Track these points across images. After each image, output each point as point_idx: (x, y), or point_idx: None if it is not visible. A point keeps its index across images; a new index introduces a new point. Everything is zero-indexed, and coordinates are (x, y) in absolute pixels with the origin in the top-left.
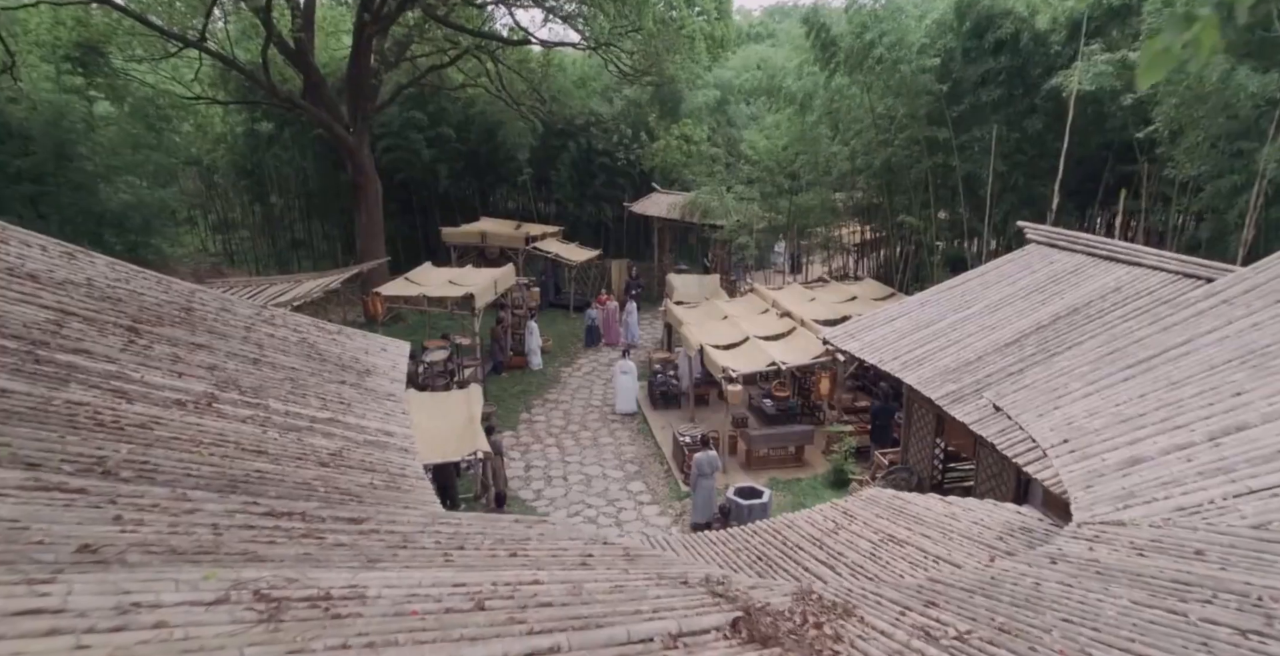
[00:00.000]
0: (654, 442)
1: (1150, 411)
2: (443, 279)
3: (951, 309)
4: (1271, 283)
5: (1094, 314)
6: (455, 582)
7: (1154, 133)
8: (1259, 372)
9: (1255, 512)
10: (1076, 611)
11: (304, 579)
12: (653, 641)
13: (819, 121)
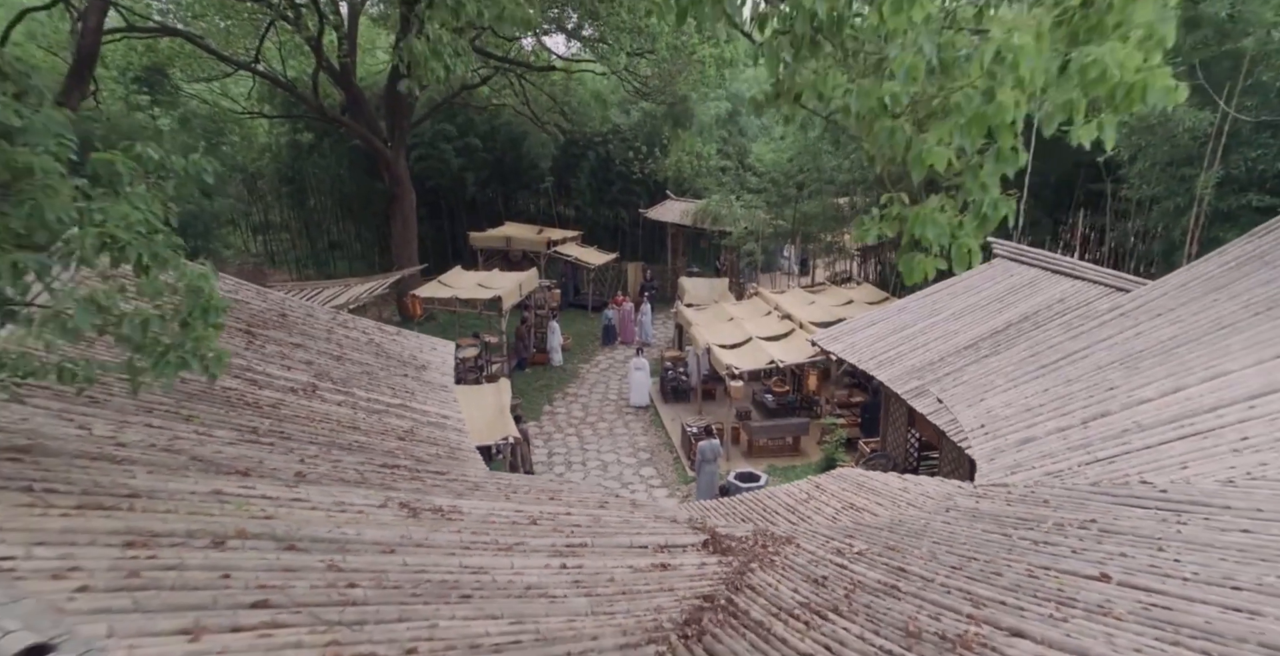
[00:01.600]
0: (665, 433)
1: (1047, 403)
2: (472, 282)
3: (923, 315)
4: (1160, 299)
5: (1041, 321)
6: (515, 509)
7: (1113, 156)
8: (1129, 372)
9: (1096, 474)
10: (944, 537)
11: (424, 499)
12: (647, 547)
13: (821, 136)
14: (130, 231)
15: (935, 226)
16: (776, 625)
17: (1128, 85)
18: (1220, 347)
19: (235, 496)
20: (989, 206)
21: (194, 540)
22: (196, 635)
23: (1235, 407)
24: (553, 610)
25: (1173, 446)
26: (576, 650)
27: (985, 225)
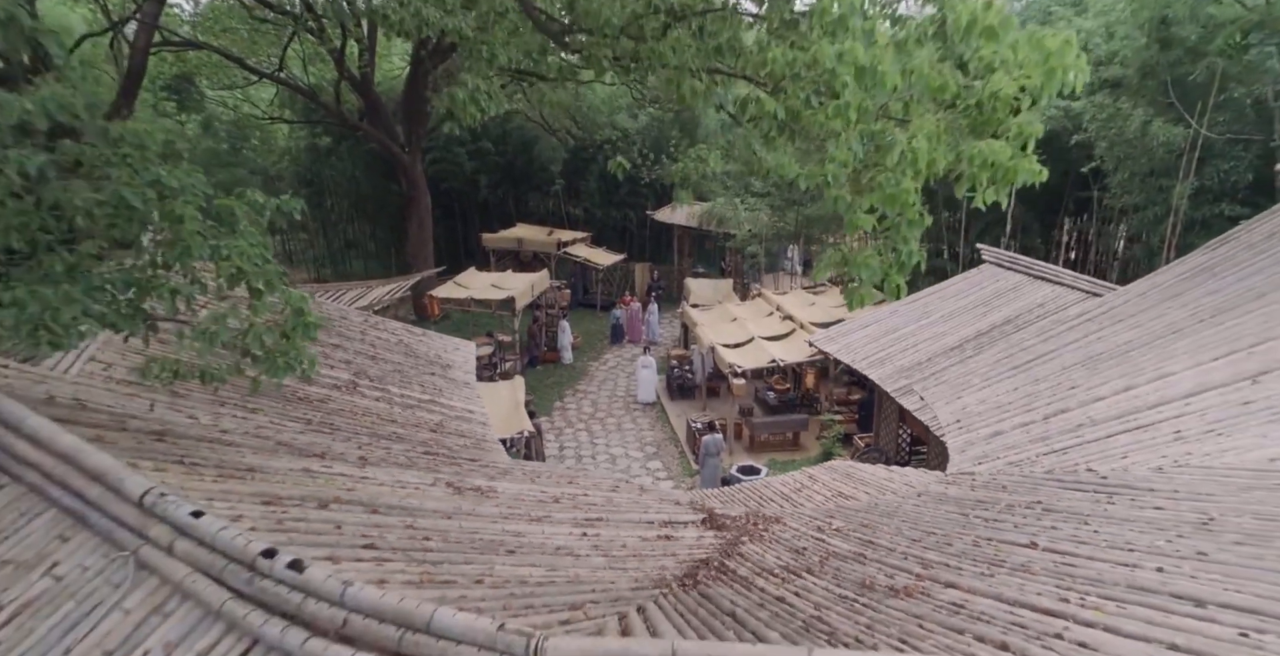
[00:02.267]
0: (670, 429)
1: (1016, 400)
2: (486, 283)
3: (914, 318)
4: (1122, 305)
5: (1022, 324)
6: (540, 490)
7: (1097, 166)
8: (1089, 372)
9: (1050, 464)
10: (911, 517)
11: (464, 481)
12: (653, 523)
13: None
14: (248, 262)
15: (869, 268)
16: (758, 580)
17: (1004, 168)
18: (1168, 351)
19: (321, 473)
20: (906, 256)
21: (307, 502)
22: (337, 560)
23: (1173, 404)
24: (578, 564)
25: (1118, 439)
26: (599, 589)
27: (905, 268)
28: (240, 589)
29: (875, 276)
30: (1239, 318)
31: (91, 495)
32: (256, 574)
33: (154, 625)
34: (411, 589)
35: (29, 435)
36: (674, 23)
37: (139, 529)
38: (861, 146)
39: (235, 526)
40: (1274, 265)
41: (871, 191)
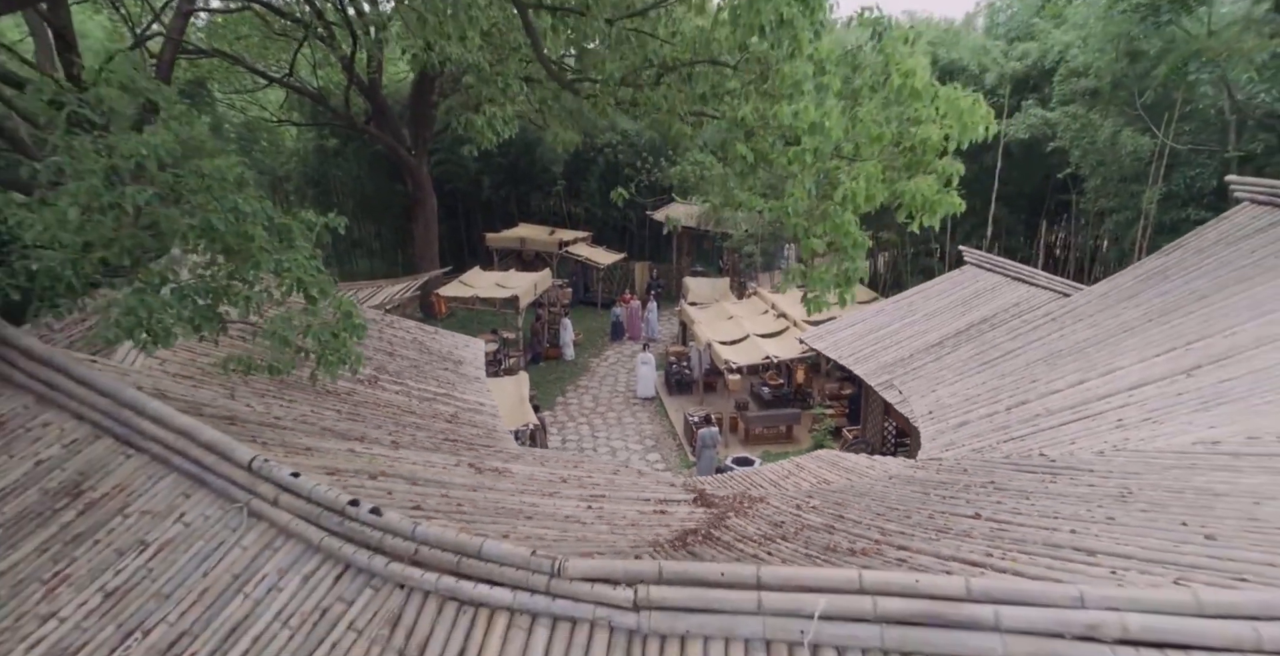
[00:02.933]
0: (669, 422)
1: (983, 393)
2: (491, 282)
3: (898, 316)
4: (1084, 305)
5: (997, 323)
6: (549, 472)
7: (1073, 172)
8: (1049, 367)
9: (1009, 450)
10: (880, 496)
11: (483, 462)
12: (650, 500)
13: None
14: (305, 273)
15: (822, 282)
16: (738, 544)
17: (930, 202)
18: (1119, 348)
19: (364, 453)
20: (851, 272)
21: (360, 474)
22: (421, 515)
23: (1119, 396)
24: (584, 530)
25: (1069, 427)
26: (602, 546)
27: (850, 282)
28: (333, 529)
29: (828, 287)
30: (1182, 317)
31: (207, 462)
32: (345, 518)
33: (267, 557)
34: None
35: (152, 415)
36: (665, 73)
37: (249, 487)
38: (815, 185)
39: (326, 482)
40: (1217, 269)
41: (823, 220)
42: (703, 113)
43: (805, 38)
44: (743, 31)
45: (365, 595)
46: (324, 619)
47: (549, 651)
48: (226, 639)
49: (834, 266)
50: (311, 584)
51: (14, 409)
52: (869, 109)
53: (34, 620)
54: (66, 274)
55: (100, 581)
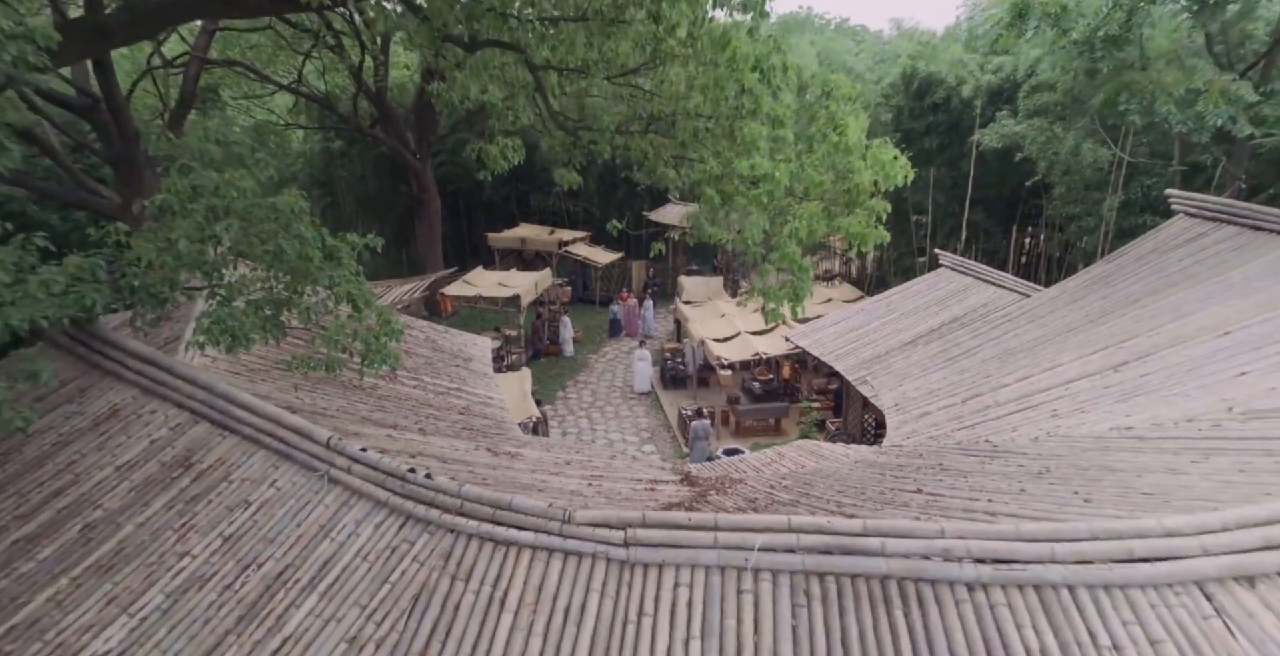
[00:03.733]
0: (664, 416)
1: (943, 387)
2: (493, 281)
3: (877, 315)
4: (1037, 307)
5: (967, 322)
6: (554, 458)
7: (1042, 180)
8: (1001, 364)
9: (960, 437)
10: (843, 477)
11: (498, 447)
12: (642, 480)
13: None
14: (353, 287)
15: (777, 298)
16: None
17: (861, 235)
18: (1061, 346)
19: (399, 437)
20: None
21: (403, 453)
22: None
23: (1057, 389)
24: (587, 501)
25: (1013, 417)
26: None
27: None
28: (396, 490)
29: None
30: (1117, 319)
31: (291, 440)
32: (405, 482)
33: (345, 512)
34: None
35: (243, 404)
36: (652, 123)
37: (327, 460)
38: (769, 221)
39: (388, 455)
40: (1151, 276)
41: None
42: (683, 156)
43: (765, 102)
44: (710, 102)
45: (423, 538)
46: (393, 555)
47: (561, 577)
48: (320, 569)
49: (786, 286)
50: (381, 530)
51: (124, 400)
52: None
53: (173, 556)
54: (164, 291)
55: (218, 529)
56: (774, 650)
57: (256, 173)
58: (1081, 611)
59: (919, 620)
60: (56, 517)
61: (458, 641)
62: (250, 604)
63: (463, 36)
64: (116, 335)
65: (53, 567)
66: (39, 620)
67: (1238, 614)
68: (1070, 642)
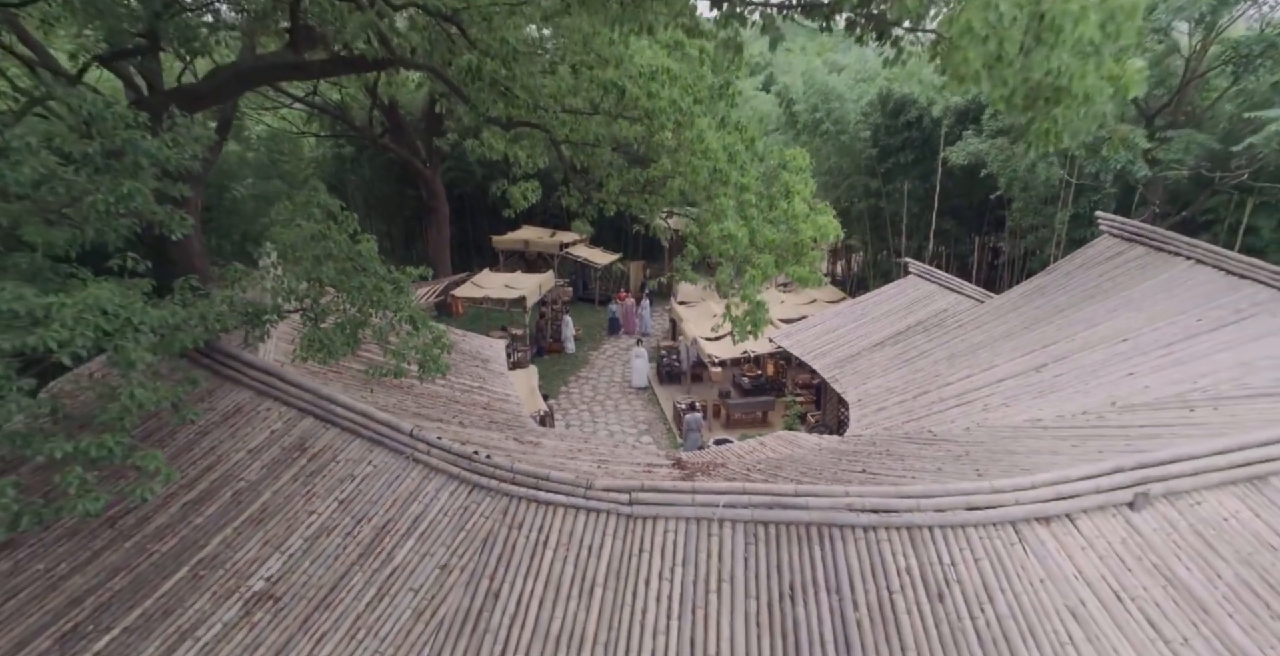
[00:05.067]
0: (660, 409)
1: (900, 385)
2: (500, 283)
3: (852, 319)
4: (984, 314)
5: (930, 326)
6: (567, 446)
7: (1004, 194)
8: (950, 365)
9: (908, 428)
10: (806, 461)
11: (523, 437)
12: (640, 464)
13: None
14: (413, 311)
15: (741, 325)
16: None
17: (804, 278)
18: (998, 349)
19: (447, 428)
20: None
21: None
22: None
23: (990, 387)
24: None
25: (952, 411)
26: None
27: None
28: (464, 467)
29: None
30: (1044, 326)
31: (382, 431)
32: (471, 460)
33: (427, 483)
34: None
35: (342, 403)
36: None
37: (410, 445)
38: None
39: (457, 442)
40: (1075, 289)
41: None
42: (672, 212)
43: (734, 176)
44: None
45: (486, 500)
46: (465, 512)
47: (585, 526)
48: (414, 522)
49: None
50: (455, 495)
51: (242, 400)
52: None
53: (304, 513)
54: (270, 316)
55: (334, 494)
56: (731, 573)
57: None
58: (934, 542)
59: (829, 552)
60: (211, 487)
61: (515, 568)
62: (366, 545)
63: (500, 118)
64: (235, 348)
65: (218, 521)
66: (217, 555)
67: (1033, 542)
68: (925, 562)
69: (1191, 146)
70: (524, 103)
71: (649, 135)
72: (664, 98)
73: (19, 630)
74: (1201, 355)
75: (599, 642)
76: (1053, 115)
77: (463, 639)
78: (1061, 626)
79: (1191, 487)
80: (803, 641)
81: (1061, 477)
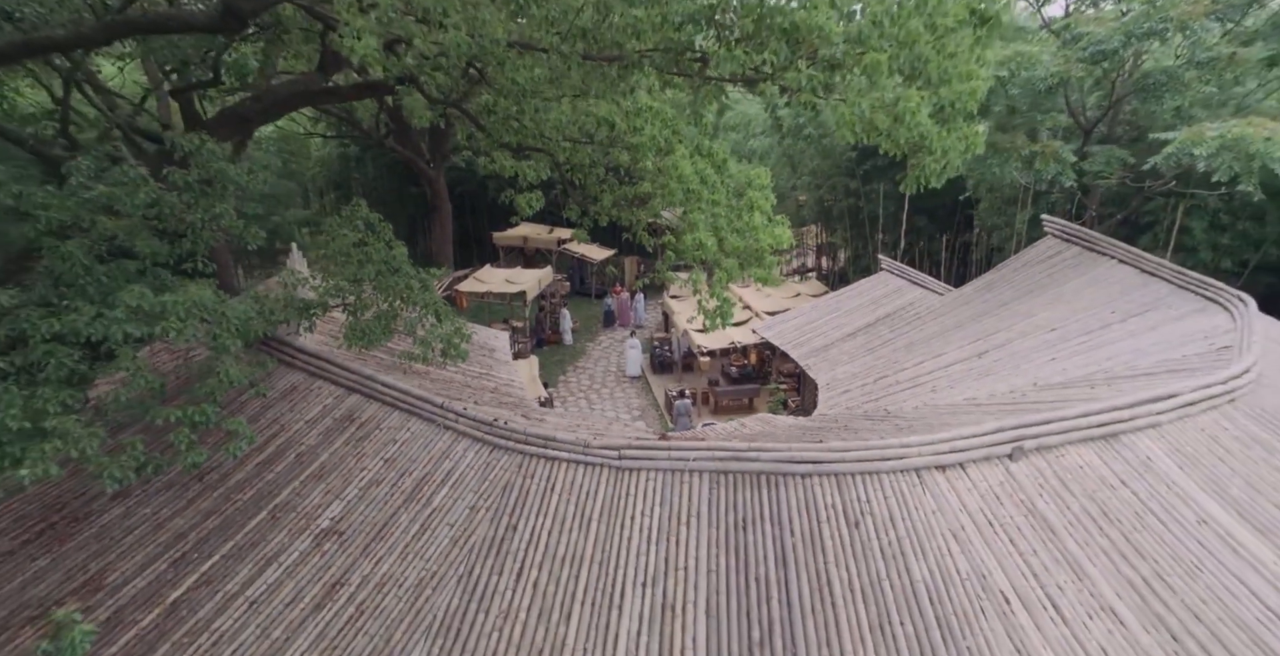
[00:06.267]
0: (653, 397)
1: (863, 371)
2: (501, 278)
3: (828, 312)
4: (940, 306)
5: (894, 318)
6: (568, 422)
7: (973, 195)
8: (908, 353)
9: (867, 408)
10: (775, 435)
11: (530, 415)
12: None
13: (778, 162)
14: (438, 305)
15: (712, 317)
16: None
17: (765, 278)
18: (948, 338)
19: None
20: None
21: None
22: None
23: (939, 371)
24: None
25: (905, 392)
26: None
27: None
28: (486, 432)
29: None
30: (989, 318)
31: (417, 405)
32: (492, 427)
33: (456, 445)
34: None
35: (382, 382)
36: (634, 200)
37: (441, 416)
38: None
39: (483, 411)
40: (1018, 284)
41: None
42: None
43: (705, 195)
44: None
45: (504, 457)
46: (488, 467)
47: (584, 475)
48: (447, 474)
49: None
50: (479, 454)
51: (297, 380)
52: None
53: (356, 470)
54: (316, 310)
55: (379, 455)
56: (698, 510)
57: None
58: (855, 486)
59: (773, 493)
60: (278, 450)
61: (529, 508)
62: (409, 492)
63: (511, 144)
64: (289, 337)
65: (286, 476)
66: (288, 502)
67: (931, 484)
68: (847, 500)
69: (1111, 160)
70: (531, 132)
71: (634, 162)
72: (646, 133)
73: (140, 557)
74: (1110, 342)
75: (595, 562)
76: (922, 164)
77: (489, 560)
78: (944, 544)
79: (1058, 443)
80: (750, 558)
81: (956, 435)
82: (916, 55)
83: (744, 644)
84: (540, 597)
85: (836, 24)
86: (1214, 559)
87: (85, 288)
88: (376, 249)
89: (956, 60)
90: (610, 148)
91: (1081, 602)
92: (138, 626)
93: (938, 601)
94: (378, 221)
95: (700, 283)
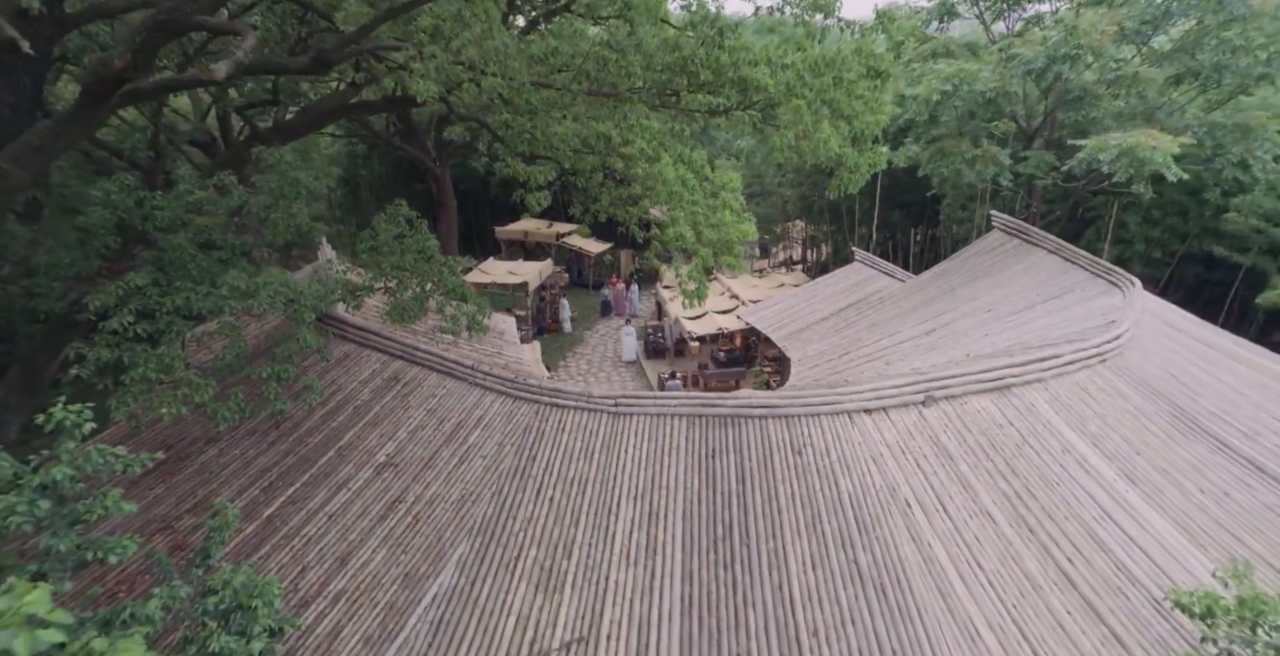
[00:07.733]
0: (647, 380)
1: (830, 350)
2: (504, 270)
3: (805, 299)
4: (899, 292)
5: (865, 306)
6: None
7: (938, 192)
8: (870, 332)
9: (824, 384)
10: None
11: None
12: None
13: (764, 161)
14: (464, 289)
15: (690, 296)
16: None
17: (733, 264)
18: (905, 319)
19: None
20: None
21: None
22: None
23: (893, 347)
24: None
25: (863, 366)
26: None
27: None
28: (508, 387)
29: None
30: (939, 301)
31: (450, 367)
32: (513, 382)
33: (484, 398)
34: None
35: (422, 349)
36: (628, 199)
37: (471, 376)
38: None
39: (507, 371)
40: (967, 272)
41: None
42: (645, 219)
43: (687, 196)
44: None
45: (524, 406)
46: (511, 414)
47: (587, 419)
48: (478, 420)
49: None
50: (504, 404)
51: (348, 350)
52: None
53: (405, 419)
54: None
55: (423, 406)
56: (677, 444)
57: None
58: (800, 425)
59: (737, 431)
60: (338, 404)
61: (544, 444)
62: (449, 433)
63: (525, 153)
64: (341, 313)
65: (347, 424)
66: (351, 443)
67: (860, 423)
68: (794, 436)
69: (1041, 163)
70: (542, 143)
71: (627, 168)
72: (637, 145)
73: (236, 485)
74: (1031, 320)
75: (597, 482)
76: (841, 176)
77: (515, 481)
78: (866, 465)
79: (961, 393)
80: (717, 478)
81: (881, 385)
82: (830, 100)
83: (710, 539)
84: (554, 508)
85: (771, 77)
86: (1069, 475)
87: (190, 272)
88: (415, 240)
89: (863, 101)
90: (608, 156)
91: (965, 507)
92: (242, 534)
93: (857, 505)
94: (415, 218)
95: (680, 267)
